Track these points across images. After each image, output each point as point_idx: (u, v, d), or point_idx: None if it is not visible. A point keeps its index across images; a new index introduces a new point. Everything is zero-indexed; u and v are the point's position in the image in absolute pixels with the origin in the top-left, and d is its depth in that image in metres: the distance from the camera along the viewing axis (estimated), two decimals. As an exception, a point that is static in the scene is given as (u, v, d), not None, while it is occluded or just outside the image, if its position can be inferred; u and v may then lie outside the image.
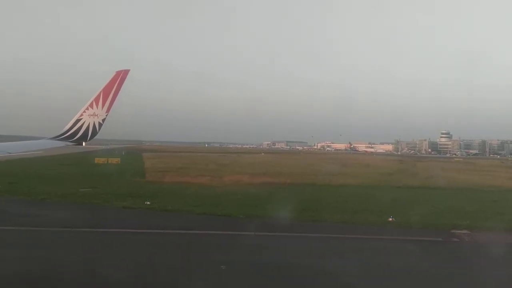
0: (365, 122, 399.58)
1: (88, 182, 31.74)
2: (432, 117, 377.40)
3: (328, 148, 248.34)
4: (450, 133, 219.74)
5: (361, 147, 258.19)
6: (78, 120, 13.28)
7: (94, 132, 13.36)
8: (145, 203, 22.13)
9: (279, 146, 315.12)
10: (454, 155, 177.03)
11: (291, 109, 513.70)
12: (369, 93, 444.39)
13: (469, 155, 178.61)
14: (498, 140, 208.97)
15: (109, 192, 26.19)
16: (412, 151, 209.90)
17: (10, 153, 12.17)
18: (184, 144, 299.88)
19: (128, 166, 52.01)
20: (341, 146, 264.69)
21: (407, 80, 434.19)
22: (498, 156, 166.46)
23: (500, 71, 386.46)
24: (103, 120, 13.26)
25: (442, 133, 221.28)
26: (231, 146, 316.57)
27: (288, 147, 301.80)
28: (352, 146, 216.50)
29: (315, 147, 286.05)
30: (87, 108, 13.20)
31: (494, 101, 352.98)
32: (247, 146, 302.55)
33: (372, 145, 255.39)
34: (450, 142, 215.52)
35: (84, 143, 13.55)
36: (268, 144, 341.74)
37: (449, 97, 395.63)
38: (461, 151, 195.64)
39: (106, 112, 13.19)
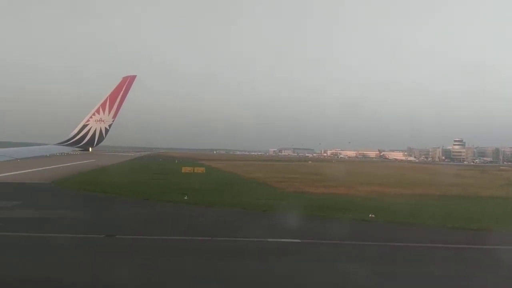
0: (371, 129, 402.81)
1: (242, 193, 32.69)
2: (437, 125, 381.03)
3: (341, 156, 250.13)
4: (463, 141, 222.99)
5: (371, 154, 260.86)
6: (84, 126, 13.33)
7: (101, 138, 13.40)
8: (370, 216, 23.20)
9: (286, 153, 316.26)
10: (472, 163, 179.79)
11: (296, 116, 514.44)
12: (375, 100, 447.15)
13: (486, 162, 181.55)
14: (511, 147, 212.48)
15: (300, 204, 27.24)
16: (430, 159, 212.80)
17: (17, 158, 12.12)
18: (193, 150, 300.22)
19: (227, 177, 53.09)
20: (352, 153, 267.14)
21: (413, 88, 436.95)
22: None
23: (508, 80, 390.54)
24: (110, 126, 13.32)
25: (455, 141, 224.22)
26: (238, 153, 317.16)
27: (295, 154, 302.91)
28: (382, 154, 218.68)
29: (325, 154, 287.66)
30: (93, 114, 13.25)
31: (502, 109, 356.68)
32: (255, 154, 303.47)
33: (382, 152, 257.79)
34: (463, 150, 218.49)
35: (90, 149, 13.66)
36: (274, 151, 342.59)
37: (455, 105, 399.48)
38: (479, 158, 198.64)
39: (113, 118, 13.23)
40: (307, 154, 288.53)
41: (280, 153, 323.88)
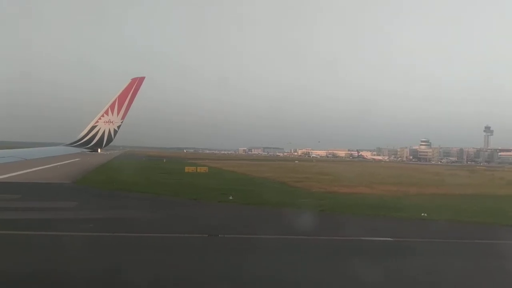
0: (337, 128, 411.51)
1: (275, 193, 32.85)
2: (402, 125, 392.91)
3: (313, 155, 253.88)
4: (429, 141, 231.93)
5: (341, 154, 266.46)
6: (93, 127, 13.43)
7: (109, 139, 13.46)
8: (422, 214, 24.36)
9: (256, 152, 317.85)
10: (439, 162, 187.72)
11: (264, 114, 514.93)
12: (342, 100, 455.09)
13: (452, 162, 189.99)
14: (473, 148, 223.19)
15: (344, 204, 28.36)
16: (399, 158, 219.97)
17: (26, 159, 12.20)
18: (160, 149, 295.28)
19: (239, 177, 53.29)
20: (322, 152, 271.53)
21: (378, 89, 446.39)
22: (484, 164, 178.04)
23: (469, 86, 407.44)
24: (118, 127, 13.38)
25: (422, 141, 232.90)
26: (207, 151, 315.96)
27: (266, 153, 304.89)
28: (359, 153, 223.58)
29: (295, 153, 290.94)
30: (102, 115, 13.33)
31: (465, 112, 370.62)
32: (225, 152, 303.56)
33: (351, 152, 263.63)
34: (430, 150, 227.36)
35: (99, 150, 13.76)
36: (244, 150, 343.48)
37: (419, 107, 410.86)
38: (446, 158, 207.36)
39: (122, 119, 13.28)
40: (277, 153, 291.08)
41: (250, 152, 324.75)
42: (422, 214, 24.24)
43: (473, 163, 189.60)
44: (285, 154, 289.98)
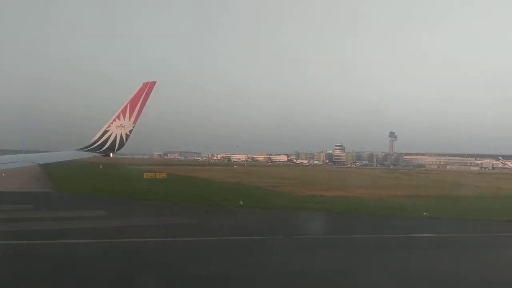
0: (255, 133, 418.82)
1: (270, 198, 34.67)
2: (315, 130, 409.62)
3: (234, 159, 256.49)
4: (343, 146, 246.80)
5: (260, 158, 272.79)
6: (105, 132, 13.58)
7: (121, 144, 13.62)
8: (424, 213, 27.13)
9: (172, 157, 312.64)
10: (354, 165, 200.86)
11: (175, 118, 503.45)
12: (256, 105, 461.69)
13: (365, 165, 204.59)
14: (382, 152, 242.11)
15: (343, 205, 30.62)
16: (317, 162, 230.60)
17: (39, 163, 12.51)
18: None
19: (206, 182, 53.22)
20: (242, 157, 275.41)
21: (291, 95, 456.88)
22: (392, 166, 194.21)
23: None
24: (130, 131, 13.58)
25: (337, 146, 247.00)
26: (119, 156, 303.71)
27: (183, 157, 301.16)
28: (289, 158, 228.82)
29: (214, 158, 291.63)
30: (114, 120, 13.50)
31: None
32: (140, 157, 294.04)
33: (270, 156, 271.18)
34: (344, 154, 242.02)
35: (111, 154, 13.81)
36: (159, 154, 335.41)
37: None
38: (361, 161, 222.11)
39: (133, 124, 13.46)
40: (196, 158, 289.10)
41: (166, 157, 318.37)
42: (424, 213, 27.05)
43: (382, 165, 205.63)
44: (204, 158, 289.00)
